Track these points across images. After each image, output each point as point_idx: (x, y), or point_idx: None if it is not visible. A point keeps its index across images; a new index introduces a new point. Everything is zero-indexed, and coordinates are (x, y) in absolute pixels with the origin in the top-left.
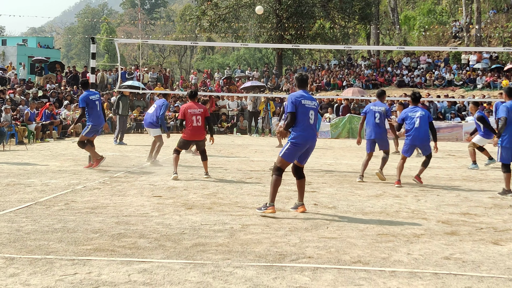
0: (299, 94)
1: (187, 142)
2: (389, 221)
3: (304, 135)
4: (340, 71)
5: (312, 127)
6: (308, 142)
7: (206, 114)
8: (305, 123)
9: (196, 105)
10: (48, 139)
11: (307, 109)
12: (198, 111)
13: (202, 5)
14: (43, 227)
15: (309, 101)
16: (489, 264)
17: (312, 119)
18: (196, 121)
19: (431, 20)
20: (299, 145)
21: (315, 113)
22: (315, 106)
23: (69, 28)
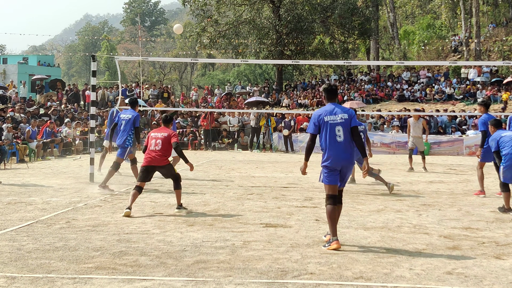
0: (322, 110)
1: (144, 168)
2: (390, 236)
3: (333, 156)
4: (341, 86)
5: (343, 146)
6: (340, 163)
7: (172, 139)
8: (331, 142)
9: (162, 130)
10: (49, 157)
11: (332, 126)
12: (160, 135)
13: (202, 22)
14: (44, 246)
15: (334, 116)
16: (492, 278)
17: (341, 135)
18: (154, 145)
19: (431, 35)
20: (330, 168)
21: (344, 128)
22: (344, 119)
23: (69, 46)
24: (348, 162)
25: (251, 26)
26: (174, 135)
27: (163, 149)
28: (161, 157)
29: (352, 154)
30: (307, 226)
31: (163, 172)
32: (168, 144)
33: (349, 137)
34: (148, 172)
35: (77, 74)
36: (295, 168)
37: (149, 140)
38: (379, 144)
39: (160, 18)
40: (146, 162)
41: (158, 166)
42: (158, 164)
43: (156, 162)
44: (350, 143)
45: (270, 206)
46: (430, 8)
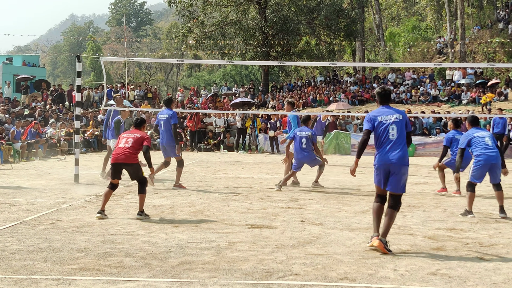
0: (376, 111)
1: (112, 166)
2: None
3: (381, 156)
4: (326, 87)
5: (395, 145)
6: (387, 163)
7: (144, 141)
8: (383, 142)
9: (135, 132)
10: (33, 158)
11: (387, 125)
12: (132, 135)
13: (188, 23)
14: (28, 247)
15: (389, 116)
16: (475, 279)
17: (394, 133)
18: (124, 143)
19: (416, 37)
20: (378, 168)
21: (398, 126)
22: (398, 119)
23: (55, 46)
24: (395, 162)
25: (237, 27)
26: (147, 139)
27: (132, 148)
28: (129, 154)
29: (402, 155)
30: (292, 227)
31: (129, 171)
32: (139, 145)
33: (403, 138)
34: (116, 170)
35: (62, 75)
36: (281, 169)
37: (120, 139)
38: None
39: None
40: (113, 159)
41: (124, 163)
42: (124, 162)
43: (122, 159)
44: (402, 143)
45: (255, 207)
46: (415, 10)
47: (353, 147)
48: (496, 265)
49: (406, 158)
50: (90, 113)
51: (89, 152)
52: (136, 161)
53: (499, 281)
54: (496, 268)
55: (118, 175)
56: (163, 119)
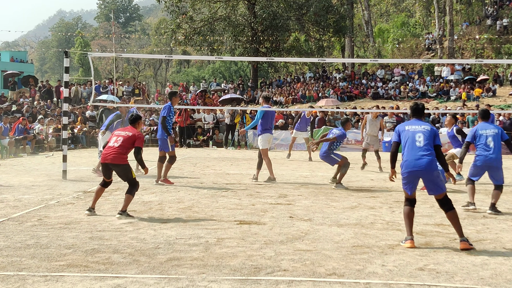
0: (406, 122)
1: (102, 165)
2: (364, 233)
3: (407, 162)
4: (316, 83)
5: (420, 151)
6: (416, 168)
7: (135, 140)
8: (409, 148)
9: (127, 129)
10: (21, 154)
11: (413, 133)
12: (123, 133)
13: (177, 19)
14: (15, 243)
15: (416, 126)
16: (463, 274)
17: (421, 141)
18: (114, 141)
19: (405, 33)
20: (404, 174)
21: (424, 135)
22: (426, 129)
23: (43, 42)
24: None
25: (226, 23)
26: (139, 138)
27: (120, 147)
28: (116, 154)
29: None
30: (281, 223)
31: (118, 172)
32: (130, 144)
33: (429, 146)
34: (106, 170)
35: (51, 70)
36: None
37: (111, 137)
38: (353, 141)
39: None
40: (102, 159)
41: (112, 164)
42: (111, 162)
43: (110, 160)
44: (429, 151)
45: (244, 203)
46: (404, 7)
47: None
48: (483, 260)
49: (435, 162)
50: (78, 109)
51: (77, 148)
52: (125, 162)
53: (487, 276)
54: (484, 263)
55: (108, 175)
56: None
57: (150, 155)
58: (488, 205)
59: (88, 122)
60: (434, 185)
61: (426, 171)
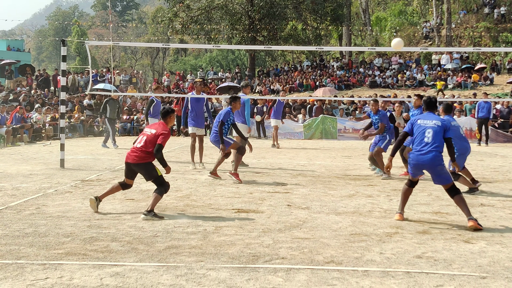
0: (421, 116)
1: (125, 164)
2: (361, 221)
3: (415, 154)
4: (313, 72)
5: (428, 147)
6: (420, 162)
7: (158, 139)
8: (418, 142)
9: (154, 126)
10: (19, 143)
11: (423, 128)
12: (148, 132)
13: (174, 7)
14: (13, 232)
15: (427, 121)
16: (461, 262)
17: (429, 137)
18: (138, 142)
19: (402, 21)
20: (412, 164)
21: (434, 131)
22: (437, 125)
23: (39, 31)
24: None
25: (224, 12)
26: (161, 135)
27: (142, 147)
28: (138, 154)
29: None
30: (279, 211)
31: (140, 172)
32: (152, 144)
33: (437, 142)
34: (127, 170)
35: (47, 59)
36: (268, 154)
37: (139, 135)
38: (351, 130)
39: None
40: (126, 158)
41: (133, 164)
42: (132, 162)
43: (131, 159)
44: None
45: (242, 192)
46: None
47: (339, 131)
48: (481, 248)
49: (438, 158)
50: (76, 98)
51: (75, 137)
52: (146, 160)
53: (484, 264)
54: (481, 251)
55: (129, 175)
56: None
57: None
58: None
59: (86, 111)
60: (439, 177)
61: (430, 166)
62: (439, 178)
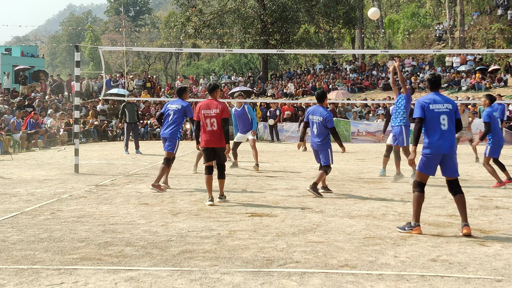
0: (427, 98)
1: (205, 150)
2: (376, 224)
3: (435, 144)
4: (326, 75)
5: (447, 134)
6: (440, 151)
7: (222, 115)
8: (435, 130)
9: (212, 104)
10: (33, 148)
11: (437, 114)
12: (212, 113)
13: (186, 12)
14: (29, 237)
15: (439, 105)
16: (476, 265)
17: (446, 124)
18: (210, 125)
19: (415, 23)
20: (431, 156)
21: (448, 117)
22: (448, 109)
23: (53, 37)
24: (449, 149)
25: (236, 16)
26: (224, 111)
27: (219, 128)
28: (219, 136)
29: (453, 143)
30: (292, 215)
31: (219, 152)
32: (220, 120)
33: (453, 127)
34: (210, 153)
35: (61, 65)
36: (281, 157)
37: (203, 118)
38: (364, 133)
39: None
40: (204, 144)
41: (216, 147)
42: (217, 146)
43: (215, 144)
44: (453, 132)
45: (255, 196)
46: None
47: (352, 134)
48: (496, 251)
49: (455, 146)
50: (90, 103)
51: (89, 142)
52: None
53: (500, 267)
54: (497, 254)
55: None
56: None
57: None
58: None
59: (100, 116)
60: (452, 167)
61: (449, 154)
62: (451, 169)
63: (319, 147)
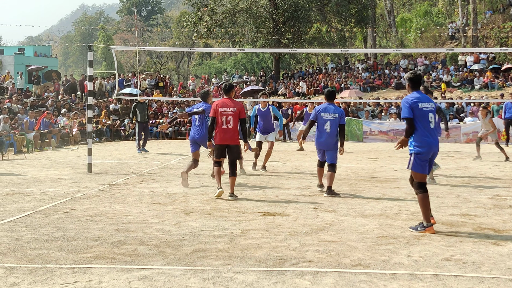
0: (413, 97)
1: (219, 147)
2: (389, 224)
3: (426, 141)
4: (338, 74)
5: (434, 132)
6: (432, 149)
7: (240, 115)
8: (425, 128)
9: (229, 103)
10: (47, 147)
11: (426, 112)
12: (230, 111)
13: (198, 11)
14: (42, 236)
15: (426, 103)
16: (490, 264)
17: (433, 122)
18: (226, 123)
19: (428, 22)
20: (423, 154)
21: (434, 115)
22: (433, 107)
23: (66, 37)
24: (437, 147)
25: (248, 15)
26: (242, 111)
27: (235, 126)
28: (234, 134)
29: (438, 141)
30: (305, 214)
31: (232, 151)
32: (238, 120)
33: (436, 124)
34: (222, 150)
35: (74, 65)
36: (293, 157)
37: (218, 116)
38: (377, 132)
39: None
40: (219, 141)
41: (230, 145)
42: (229, 143)
43: (229, 141)
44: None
45: (268, 195)
46: None
47: (365, 133)
48: (510, 250)
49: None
50: (102, 102)
51: (102, 141)
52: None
53: None
54: (511, 253)
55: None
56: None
57: (173, 148)
58: None
59: (112, 116)
60: (431, 165)
61: (436, 151)
62: (430, 166)
63: (331, 146)
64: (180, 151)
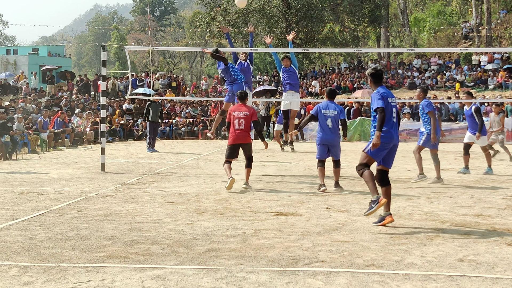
0: (383, 91)
1: (230, 147)
2: (402, 224)
3: (390, 132)
4: (351, 74)
5: (395, 126)
6: (393, 141)
7: (252, 117)
8: (389, 121)
9: (242, 108)
10: (60, 147)
11: (391, 107)
12: (242, 115)
13: (211, 11)
14: (56, 235)
15: (392, 99)
16: (504, 265)
17: (395, 116)
18: (238, 125)
19: (441, 22)
20: (384, 144)
21: (396, 109)
22: (396, 103)
23: (79, 37)
24: (397, 140)
25: (261, 15)
26: (254, 114)
27: (246, 128)
28: (245, 135)
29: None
30: (317, 214)
31: (245, 149)
32: (250, 123)
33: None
34: (234, 150)
35: (88, 65)
36: (306, 157)
37: (232, 119)
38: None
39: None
40: (232, 141)
41: (243, 143)
42: (242, 142)
43: (241, 140)
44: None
45: (280, 195)
46: None
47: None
48: None
49: None
50: (116, 102)
51: (115, 141)
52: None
53: None
54: None
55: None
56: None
57: (186, 147)
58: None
59: (126, 115)
60: (392, 159)
61: (396, 144)
62: (392, 161)
63: (334, 142)
64: (193, 150)
